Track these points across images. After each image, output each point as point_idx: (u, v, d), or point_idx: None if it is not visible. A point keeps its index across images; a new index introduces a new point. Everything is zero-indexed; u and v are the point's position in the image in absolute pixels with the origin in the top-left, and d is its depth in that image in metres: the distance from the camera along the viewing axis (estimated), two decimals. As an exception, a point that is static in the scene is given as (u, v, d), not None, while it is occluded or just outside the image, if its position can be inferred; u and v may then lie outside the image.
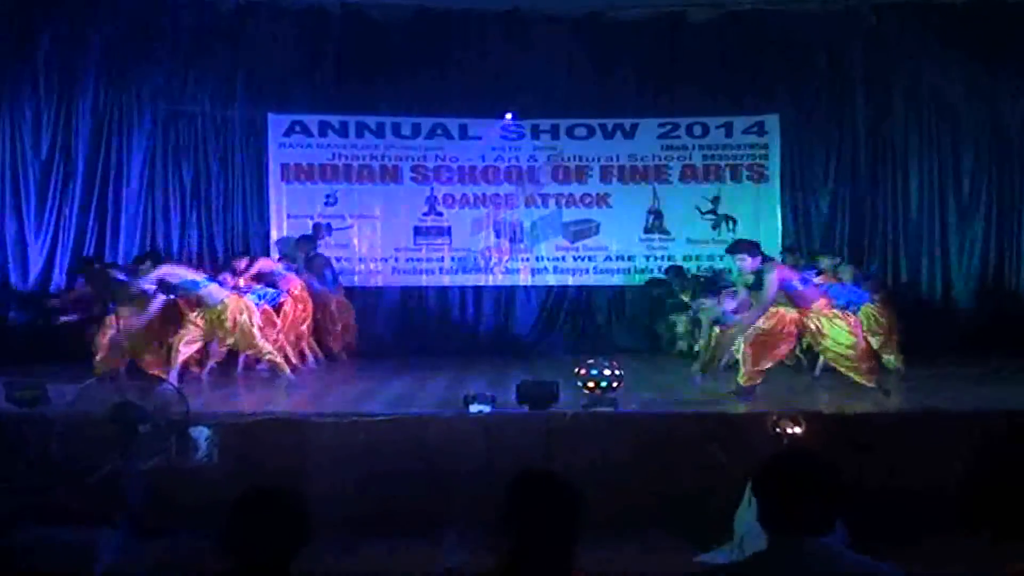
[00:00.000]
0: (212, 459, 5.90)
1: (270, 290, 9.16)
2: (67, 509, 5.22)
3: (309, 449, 6.09)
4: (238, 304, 8.15)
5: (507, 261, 11.42)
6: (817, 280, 8.19)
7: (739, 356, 7.50)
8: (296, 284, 9.58)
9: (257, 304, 8.58)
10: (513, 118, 11.21)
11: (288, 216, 11.06)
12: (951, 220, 11.10)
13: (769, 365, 7.28)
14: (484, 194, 11.42)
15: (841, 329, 7.09)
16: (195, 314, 8.17)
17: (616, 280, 11.45)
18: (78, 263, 9.94)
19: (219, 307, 8.05)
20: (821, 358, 8.04)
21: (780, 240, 11.00)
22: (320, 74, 11.13)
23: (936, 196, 11.08)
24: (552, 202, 11.43)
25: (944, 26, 10.81)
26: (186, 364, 8.34)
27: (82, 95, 10.56)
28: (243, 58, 10.98)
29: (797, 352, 8.38)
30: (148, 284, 7.94)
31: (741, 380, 7.22)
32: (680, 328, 10.21)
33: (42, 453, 5.52)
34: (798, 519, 2.39)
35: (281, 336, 9.10)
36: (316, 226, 10.86)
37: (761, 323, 7.21)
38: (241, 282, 8.98)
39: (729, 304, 8.05)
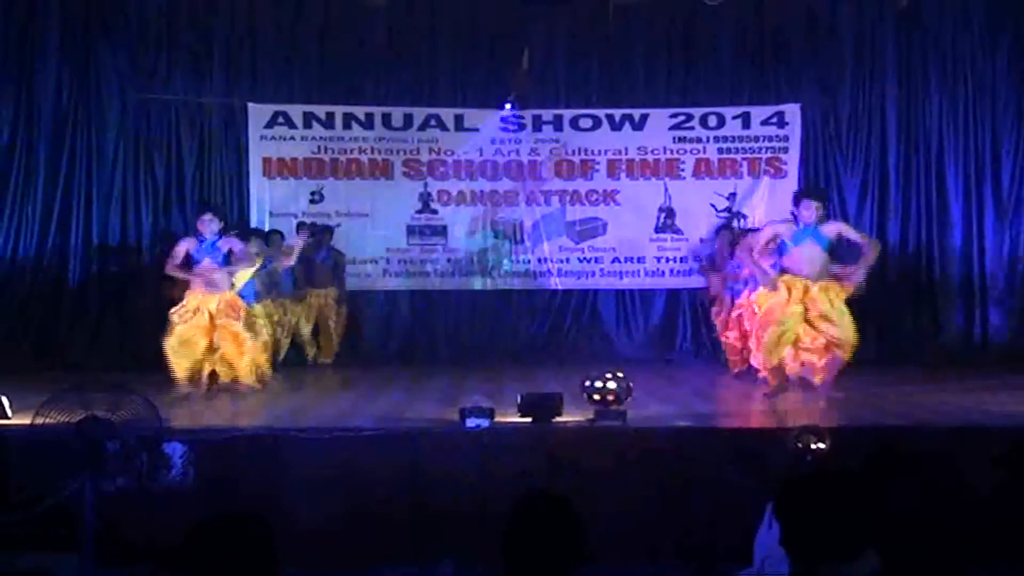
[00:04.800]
0: (188, 478, 5.86)
1: None
2: (22, 534, 5.18)
3: (285, 469, 6.02)
4: None
5: (507, 263, 11.41)
6: None
7: None
8: None
9: None
10: (513, 108, 11.17)
11: (270, 214, 11.01)
12: (990, 216, 11.01)
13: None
14: (482, 190, 11.38)
15: None
16: None
17: (625, 283, 11.42)
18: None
19: None
20: None
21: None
22: (304, 60, 11.09)
23: (973, 191, 11.00)
24: (555, 199, 11.39)
25: (982, 3, 10.81)
26: None
27: (43, 81, 10.51)
28: (219, 41, 10.95)
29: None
30: None
31: None
32: None
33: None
34: (822, 543, 2.37)
35: None
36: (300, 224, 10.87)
37: None
38: None
39: None
